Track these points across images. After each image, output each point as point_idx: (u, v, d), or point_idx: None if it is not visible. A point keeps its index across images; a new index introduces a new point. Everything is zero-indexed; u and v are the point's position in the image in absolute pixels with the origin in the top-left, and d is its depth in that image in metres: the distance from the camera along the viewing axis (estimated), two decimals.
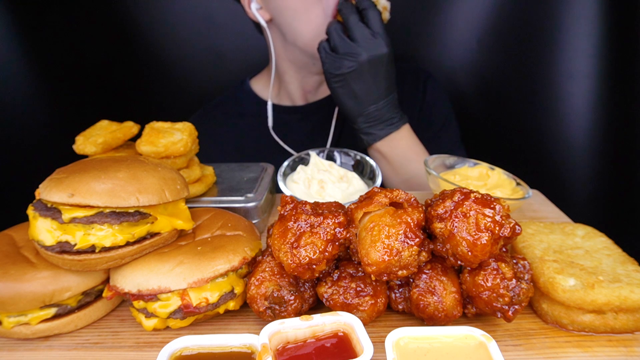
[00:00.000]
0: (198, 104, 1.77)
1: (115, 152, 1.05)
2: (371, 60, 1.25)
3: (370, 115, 1.33)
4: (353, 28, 1.26)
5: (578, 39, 1.59)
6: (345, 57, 1.25)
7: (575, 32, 1.59)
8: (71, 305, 0.80)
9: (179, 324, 0.78)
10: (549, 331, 0.77)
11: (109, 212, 0.75)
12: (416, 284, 0.76)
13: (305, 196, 1.10)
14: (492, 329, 0.77)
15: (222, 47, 1.97)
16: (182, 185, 0.86)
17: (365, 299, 0.75)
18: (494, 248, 0.71)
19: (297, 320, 0.69)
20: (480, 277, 0.72)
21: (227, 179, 1.19)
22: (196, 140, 1.09)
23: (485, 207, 0.71)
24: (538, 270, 0.79)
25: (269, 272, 0.78)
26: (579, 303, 0.73)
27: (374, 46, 1.25)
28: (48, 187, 0.75)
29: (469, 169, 1.19)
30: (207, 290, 0.77)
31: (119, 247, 0.77)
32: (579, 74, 1.61)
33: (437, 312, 0.74)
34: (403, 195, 0.75)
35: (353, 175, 1.19)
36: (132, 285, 0.76)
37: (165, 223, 0.81)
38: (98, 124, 1.08)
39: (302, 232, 0.74)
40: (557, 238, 0.89)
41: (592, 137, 1.62)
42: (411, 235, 0.70)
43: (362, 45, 1.25)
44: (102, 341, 0.78)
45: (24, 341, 0.79)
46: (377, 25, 1.26)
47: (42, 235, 0.76)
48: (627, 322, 0.74)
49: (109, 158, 0.86)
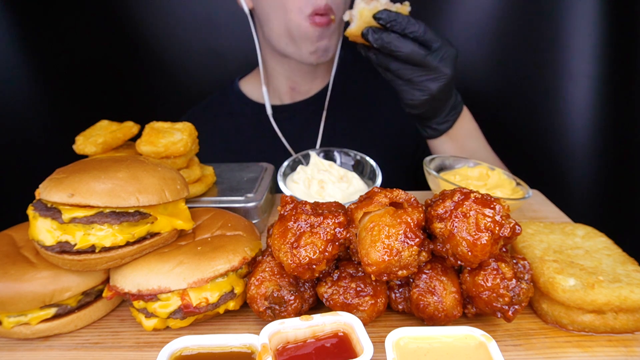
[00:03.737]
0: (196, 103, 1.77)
1: (115, 152, 1.05)
2: (454, 70, 1.15)
3: (446, 108, 1.26)
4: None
5: (578, 39, 1.59)
6: (430, 81, 1.14)
7: (575, 32, 1.59)
8: (71, 305, 0.80)
9: (179, 324, 0.78)
10: (549, 331, 0.77)
11: (109, 212, 0.75)
12: (416, 284, 0.76)
13: (305, 196, 1.10)
14: (492, 329, 0.77)
15: (222, 47, 1.97)
16: (182, 185, 0.86)
17: (365, 299, 0.75)
18: (494, 248, 0.71)
19: (297, 320, 0.69)
20: (480, 277, 0.72)
21: (227, 179, 1.19)
22: (196, 140, 1.09)
23: (485, 207, 0.71)
24: (538, 270, 0.79)
25: (269, 272, 0.78)
26: (579, 303, 0.73)
27: (448, 54, 1.13)
28: (48, 187, 0.75)
29: (469, 169, 1.19)
30: (207, 290, 0.77)
31: (119, 247, 0.77)
32: (579, 74, 1.61)
33: (437, 312, 0.74)
34: (403, 195, 0.75)
35: (353, 175, 1.19)
36: (132, 285, 0.76)
37: (165, 223, 0.81)
38: (98, 124, 1.09)
39: (302, 232, 0.74)
40: (557, 238, 0.89)
41: (592, 137, 1.62)
42: (411, 235, 0.70)
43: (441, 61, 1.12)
44: (102, 341, 0.78)
45: (24, 341, 0.79)
46: (432, 35, 1.11)
47: (42, 235, 0.76)
48: (627, 322, 0.74)
49: (109, 158, 0.86)
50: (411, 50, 1.09)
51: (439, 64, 1.11)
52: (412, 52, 1.09)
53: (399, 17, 1.08)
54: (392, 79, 1.18)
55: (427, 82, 1.14)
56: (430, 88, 1.14)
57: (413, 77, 1.13)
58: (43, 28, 1.75)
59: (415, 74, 1.13)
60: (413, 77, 1.13)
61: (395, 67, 1.13)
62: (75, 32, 1.84)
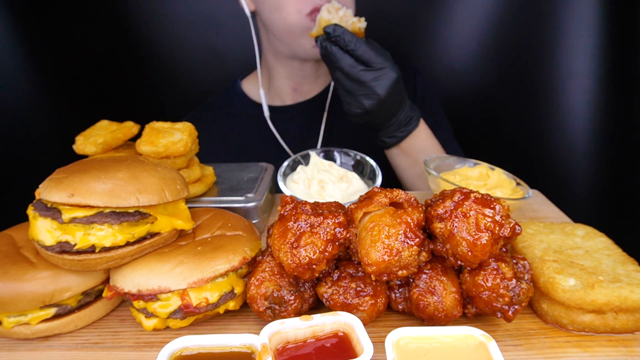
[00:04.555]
0: (198, 104, 1.77)
1: (115, 152, 1.05)
2: (389, 92, 1.23)
3: (392, 125, 1.34)
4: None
5: (578, 39, 1.59)
6: (364, 97, 1.23)
7: (575, 32, 1.59)
8: (71, 305, 0.80)
9: (179, 324, 0.78)
10: (549, 331, 0.77)
11: (109, 212, 0.75)
12: (416, 284, 0.76)
13: (305, 196, 1.10)
14: (492, 329, 0.77)
15: (222, 47, 1.97)
16: (182, 185, 0.86)
17: (365, 299, 0.75)
18: (494, 248, 0.71)
19: (297, 320, 0.69)
20: (480, 277, 0.72)
21: (227, 179, 1.19)
22: (196, 140, 1.09)
23: (485, 207, 0.71)
24: (538, 270, 0.79)
25: (269, 272, 0.78)
26: (579, 303, 0.73)
27: (385, 77, 1.21)
28: (48, 187, 0.75)
29: (469, 169, 1.19)
30: (207, 290, 0.77)
31: (119, 247, 0.76)
32: (578, 74, 1.61)
33: (437, 312, 0.74)
34: (403, 195, 0.75)
35: (353, 175, 1.19)
36: (132, 285, 0.76)
37: (165, 223, 0.81)
38: (98, 124, 1.09)
39: (302, 232, 0.74)
40: (557, 238, 0.89)
41: (592, 137, 1.63)
42: (411, 235, 0.70)
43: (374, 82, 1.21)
44: (102, 341, 0.78)
45: (24, 341, 0.79)
46: (371, 55, 1.20)
47: (42, 235, 0.76)
48: (627, 322, 0.74)
49: (109, 158, 0.86)
50: (347, 64, 1.20)
51: (373, 83, 1.20)
52: (347, 66, 1.20)
53: (344, 34, 1.19)
54: (337, 86, 1.27)
55: (362, 97, 1.23)
56: (364, 103, 1.24)
57: (351, 89, 1.23)
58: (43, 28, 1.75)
59: (352, 87, 1.22)
60: (351, 89, 1.23)
61: (337, 75, 1.24)
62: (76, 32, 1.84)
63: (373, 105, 1.23)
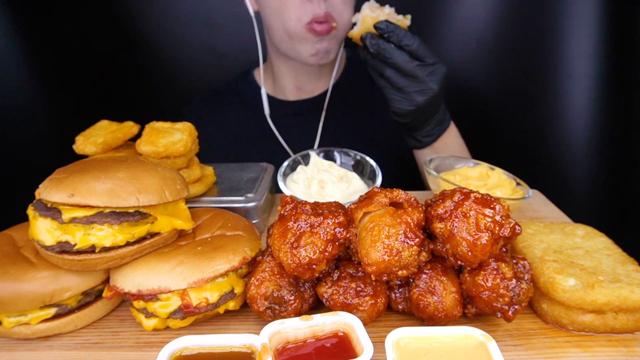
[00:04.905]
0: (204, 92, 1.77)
1: (115, 152, 1.05)
2: (442, 88, 1.22)
3: (431, 122, 1.33)
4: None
5: (578, 39, 1.59)
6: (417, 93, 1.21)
7: (575, 32, 1.59)
8: (71, 305, 0.80)
9: (179, 324, 0.78)
10: (549, 331, 0.77)
11: (109, 212, 0.75)
12: (416, 284, 0.76)
13: (305, 196, 1.10)
14: (492, 329, 0.77)
15: (222, 47, 1.97)
16: (182, 185, 0.86)
17: (365, 299, 0.75)
18: (494, 248, 0.71)
19: (297, 320, 0.69)
20: (480, 277, 0.72)
21: (227, 179, 1.19)
22: (196, 140, 1.09)
23: (485, 207, 0.71)
24: (538, 270, 0.79)
25: (269, 272, 0.78)
26: (579, 303, 0.73)
27: (438, 72, 1.20)
28: (48, 187, 0.75)
29: (469, 169, 1.19)
30: (207, 290, 0.77)
31: (119, 247, 0.77)
32: (578, 73, 1.61)
33: (437, 312, 0.74)
34: (403, 195, 0.75)
35: (353, 175, 1.19)
36: (132, 285, 0.76)
37: (165, 223, 0.81)
38: (98, 124, 1.09)
39: (302, 232, 0.74)
40: (557, 238, 0.89)
41: (592, 137, 1.62)
42: (411, 235, 0.70)
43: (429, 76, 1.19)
44: (102, 341, 0.78)
45: (24, 341, 0.79)
46: (425, 50, 1.18)
47: (42, 235, 0.76)
48: (627, 322, 0.74)
49: (109, 158, 0.86)
50: (403, 60, 1.17)
51: (427, 78, 1.19)
52: (403, 61, 1.17)
53: (397, 29, 1.16)
54: (384, 86, 1.24)
55: (415, 93, 1.20)
56: (417, 100, 1.21)
57: (403, 86, 1.20)
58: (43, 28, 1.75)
59: (405, 83, 1.20)
60: (403, 86, 1.20)
61: (388, 73, 1.20)
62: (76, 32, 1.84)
63: (426, 100, 1.21)
